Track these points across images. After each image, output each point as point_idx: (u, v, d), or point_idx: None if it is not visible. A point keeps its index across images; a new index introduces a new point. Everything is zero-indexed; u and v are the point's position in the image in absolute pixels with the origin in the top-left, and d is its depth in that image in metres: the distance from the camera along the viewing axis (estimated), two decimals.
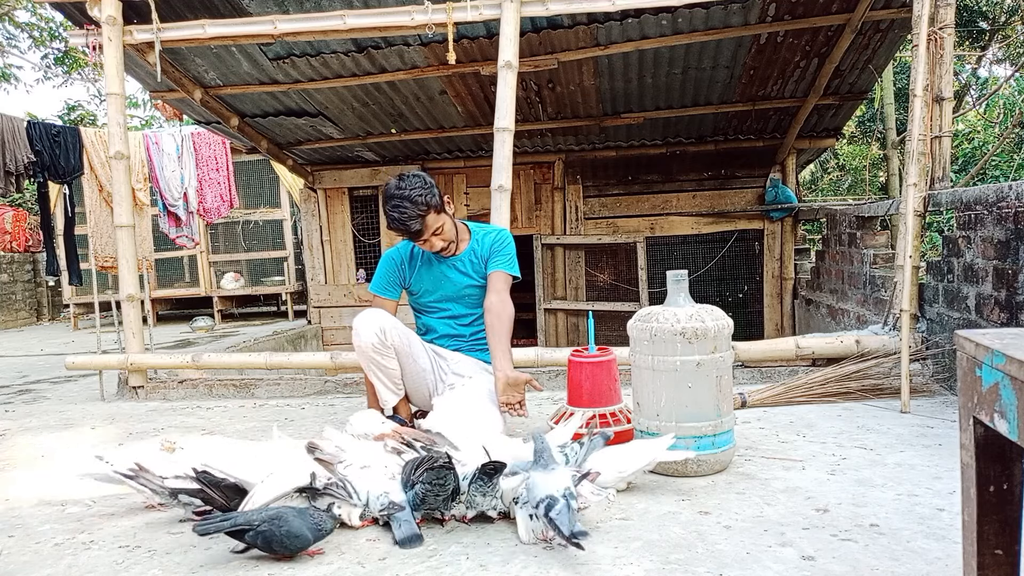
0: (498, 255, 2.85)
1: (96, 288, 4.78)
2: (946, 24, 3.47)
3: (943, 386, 3.31)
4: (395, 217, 2.64)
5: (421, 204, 2.61)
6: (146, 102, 15.74)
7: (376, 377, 2.78)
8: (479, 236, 2.90)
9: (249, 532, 1.75)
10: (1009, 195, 2.78)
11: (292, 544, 1.77)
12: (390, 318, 2.76)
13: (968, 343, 1.13)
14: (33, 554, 1.95)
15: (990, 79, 12.10)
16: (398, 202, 2.62)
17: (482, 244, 2.88)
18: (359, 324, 2.72)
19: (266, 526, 1.75)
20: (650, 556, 1.74)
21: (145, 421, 3.57)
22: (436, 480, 1.89)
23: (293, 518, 1.78)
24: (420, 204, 2.61)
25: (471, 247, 2.88)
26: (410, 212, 2.61)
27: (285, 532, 1.75)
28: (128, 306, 4.21)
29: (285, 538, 1.75)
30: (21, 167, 6.82)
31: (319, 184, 7.96)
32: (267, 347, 7.07)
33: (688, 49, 5.20)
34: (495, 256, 2.85)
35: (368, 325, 2.70)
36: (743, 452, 2.51)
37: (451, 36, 3.94)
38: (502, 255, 2.85)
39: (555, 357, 3.80)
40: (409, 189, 2.61)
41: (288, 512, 1.79)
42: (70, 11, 4.44)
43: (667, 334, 2.25)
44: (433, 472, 1.88)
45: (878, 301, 4.27)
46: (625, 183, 7.62)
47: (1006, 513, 1.11)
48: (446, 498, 1.93)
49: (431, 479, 1.89)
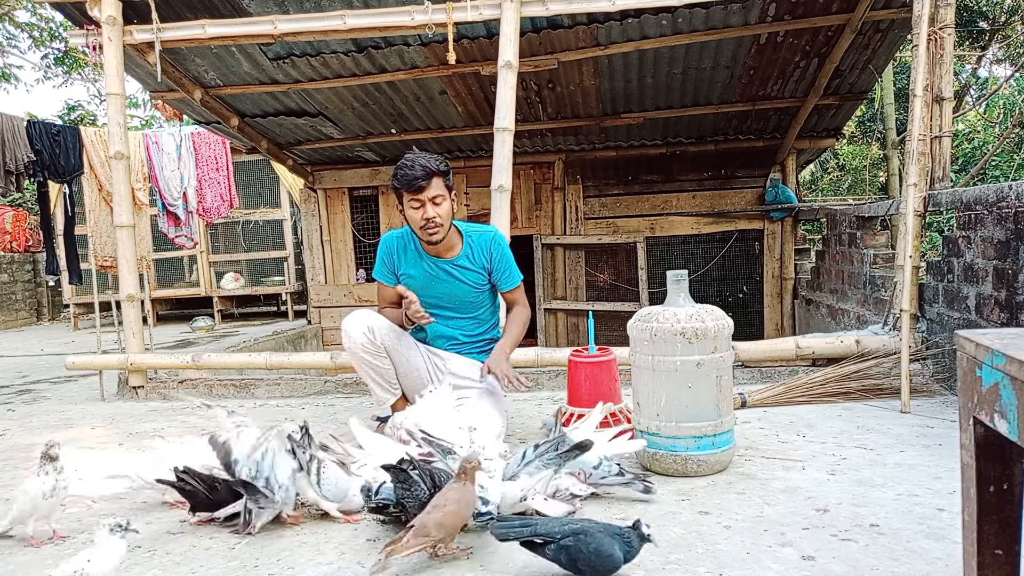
0: (504, 271, 2.83)
1: (96, 288, 4.78)
2: (946, 24, 3.47)
3: (943, 386, 3.31)
4: (404, 168, 2.61)
5: (434, 164, 2.63)
6: (146, 102, 15.74)
7: (370, 377, 2.78)
8: (472, 239, 2.82)
9: (550, 545, 1.58)
10: (1009, 195, 2.78)
11: (601, 565, 1.54)
12: (378, 317, 2.74)
13: (968, 343, 1.13)
14: (33, 554, 1.95)
15: (990, 79, 12.09)
16: (411, 159, 2.63)
17: (477, 249, 2.80)
18: (348, 325, 2.72)
19: (571, 540, 1.56)
20: (650, 556, 1.73)
21: (145, 421, 3.57)
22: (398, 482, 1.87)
23: (600, 534, 1.58)
24: (433, 163, 2.63)
25: (465, 252, 2.80)
26: (420, 166, 2.60)
27: (593, 550, 1.54)
28: (128, 306, 4.21)
29: (593, 556, 1.54)
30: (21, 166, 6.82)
31: (319, 184, 7.96)
32: (267, 347, 7.07)
33: (688, 49, 5.20)
34: (502, 273, 2.83)
35: (356, 326, 2.69)
36: (743, 452, 2.51)
37: (451, 36, 3.94)
38: (507, 269, 2.84)
39: (555, 357, 3.80)
40: (426, 155, 2.66)
41: (593, 527, 1.60)
42: (70, 11, 4.44)
43: (667, 334, 2.25)
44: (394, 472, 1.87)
45: (878, 301, 4.27)
46: (625, 183, 7.62)
47: (1006, 513, 1.11)
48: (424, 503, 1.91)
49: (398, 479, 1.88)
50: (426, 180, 2.60)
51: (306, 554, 1.86)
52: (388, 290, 2.86)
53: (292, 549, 1.89)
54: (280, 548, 1.90)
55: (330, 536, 1.96)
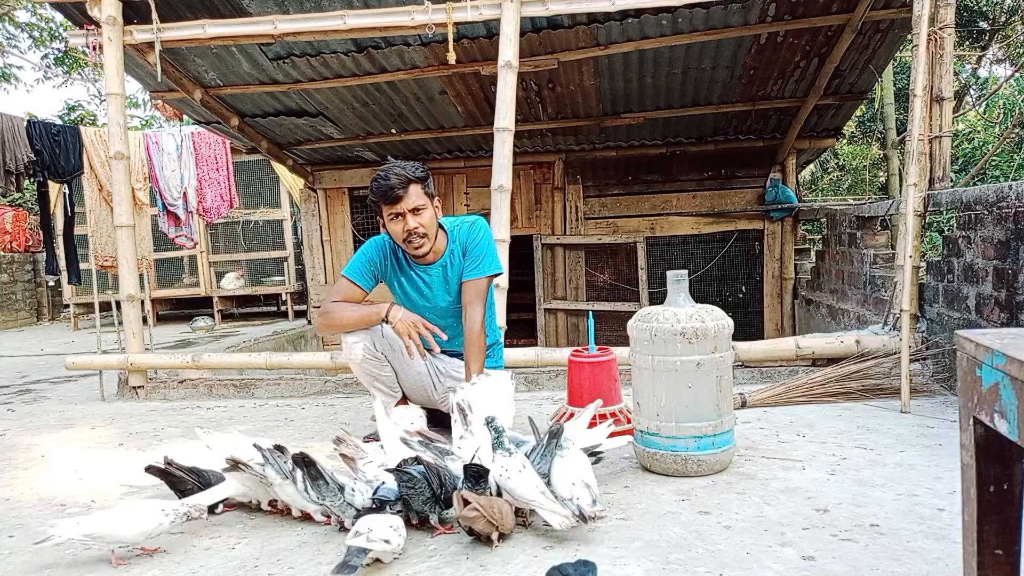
0: (474, 257, 2.65)
1: (96, 288, 4.77)
2: (946, 24, 3.47)
3: (943, 386, 3.31)
4: (379, 179, 2.48)
5: (410, 171, 2.52)
6: (146, 102, 15.74)
7: (371, 384, 2.77)
8: (455, 233, 2.70)
9: None
10: (1009, 195, 2.78)
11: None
12: (377, 328, 2.68)
13: (968, 343, 1.13)
14: (33, 554, 1.95)
15: (990, 79, 12.09)
16: (385, 169, 2.52)
17: (460, 242, 2.69)
18: (348, 337, 2.67)
19: None
20: (650, 556, 1.74)
21: (145, 421, 3.57)
22: (405, 483, 1.87)
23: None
24: (409, 170, 2.52)
25: (450, 249, 2.69)
26: (395, 175, 2.48)
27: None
28: (128, 306, 4.21)
29: None
30: (21, 166, 6.83)
31: (319, 184, 7.95)
32: (267, 347, 7.08)
33: (688, 49, 5.20)
34: (472, 259, 2.65)
35: (357, 336, 2.66)
36: (743, 452, 2.51)
37: (451, 36, 3.94)
38: (478, 256, 2.65)
39: (555, 357, 3.80)
40: (402, 164, 2.56)
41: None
42: (70, 11, 4.44)
43: (667, 334, 2.25)
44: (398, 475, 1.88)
45: (878, 301, 4.27)
46: (625, 183, 7.62)
47: (1006, 513, 1.11)
48: (430, 500, 1.91)
49: (399, 480, 1.88)
50: (403, 189, 2.49)
51: (306, 554, 1.85)
52: (356, 291, 2.70)
53: (292, 549, 1.89)
54: (280, 548, 1.90)
55: (330, 536, 1.96)
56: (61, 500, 2.40)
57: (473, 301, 2.63)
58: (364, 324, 2.65)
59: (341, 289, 2.71)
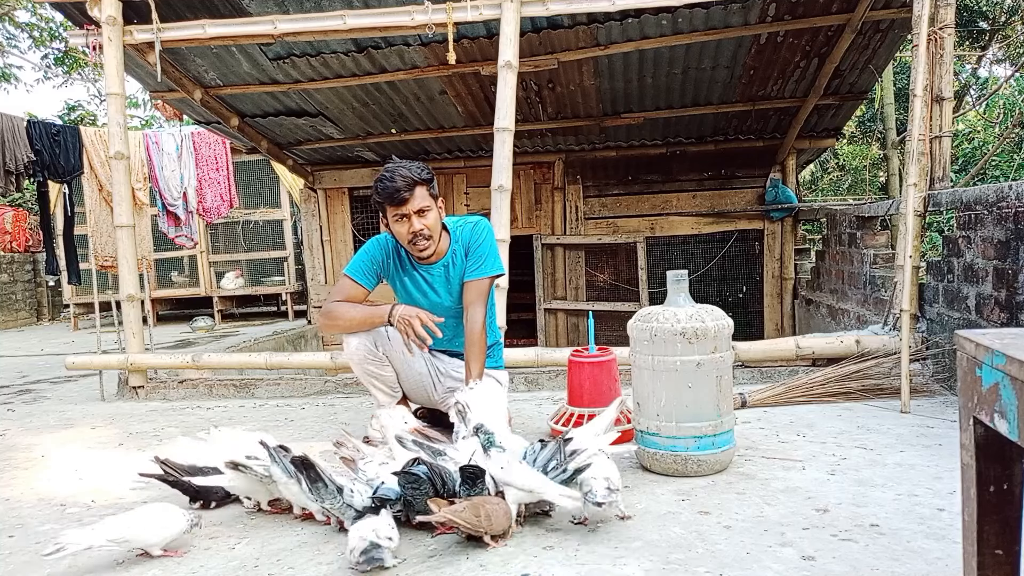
0: (477, 257, 2.64)
1: (96, 288, 4.77)
2: (946, 24, 3.47)
3: (943, 386, 3.31)
4: (384, 180, 2.46)
5: (416, 172, 2.50)
6: (146, 102, 15.74)
7: (372, 384, 2.76)
8: (457, 234, 2.70)
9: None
10: (1009, 195, 2.78)
11: None
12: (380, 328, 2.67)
13: (968, 343, 1.13)
14: (33, 554, 1.95)
15: (990, 79, 12.09)
16: (390, 169, 2.49)
17: (462, 242, 2.68)
18: (349, 336, 2.66)
19: None
20: (650, 556, 1.74)
21: (145, 421, 3.57)
22: (410, 483, 1.88)
23: None
24: (415, 172, 2.50)
25: (452, 249, 2.68)
26: (401, 176, 2.46)
27: None
28: (128, 306, 4.21)
29: None
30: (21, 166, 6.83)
31: (319, 184, 7.95)
32: (267, 347, 7.08)
33: (688, 49, 5.20)
34: (475, 259, 2.65)
35: (359, 337, 2.66)
36: (743, 452, 2.51)
37: (451, 36, 3.94)
38: (482, 256, 2.64)
39: (555, 357, 3.80)
40: (407, 164, 2.53)
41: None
42: (70, 11, 4.44)
43: (667, 334, 2.25)
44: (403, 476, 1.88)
45: (878, 301, 4.27)
46: (625, 183, 7.62)
47: (1006, 513, 1.11)
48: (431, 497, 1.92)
49: (404, 482, 1.88)
50: (408, 191, 2.47)
51: (306, 554, 1.85)
52: (358, 290, 2.69)
53: (292, 549, 1.89)
54: (280, 548, 1.90)
55: (330, 536, 1.96)
56: (61, 500, 2.40)
57: (474, 301, 2.62)
58: (368, 326, 2.65)
59: (343, 288, 2.71)
